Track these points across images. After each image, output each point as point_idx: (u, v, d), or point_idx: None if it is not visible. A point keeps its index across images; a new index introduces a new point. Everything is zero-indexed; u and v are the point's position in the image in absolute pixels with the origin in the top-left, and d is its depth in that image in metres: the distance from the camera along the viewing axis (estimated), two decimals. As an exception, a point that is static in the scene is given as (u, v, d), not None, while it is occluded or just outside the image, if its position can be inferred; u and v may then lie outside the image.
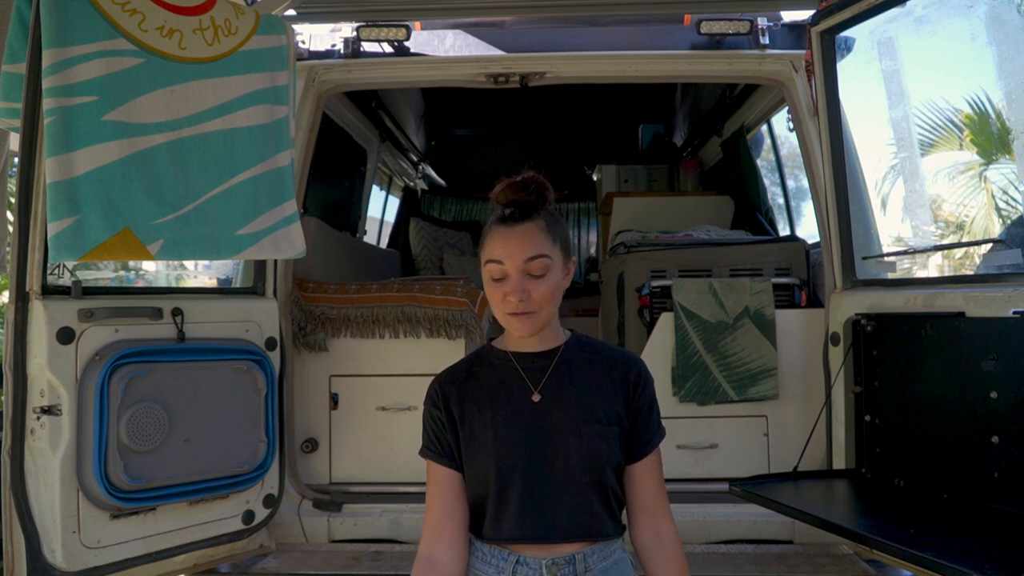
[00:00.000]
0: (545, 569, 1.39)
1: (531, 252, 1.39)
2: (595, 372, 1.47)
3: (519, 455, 1.41)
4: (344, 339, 3.12)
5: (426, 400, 1.52)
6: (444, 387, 1.50)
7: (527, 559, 1.40)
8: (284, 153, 2.45)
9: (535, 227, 1.41)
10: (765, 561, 2.60)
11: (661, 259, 3.25)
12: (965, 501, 2.14)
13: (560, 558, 1.40)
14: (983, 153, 8.41)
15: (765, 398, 2.96)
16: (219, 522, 2.48)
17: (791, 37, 3.10)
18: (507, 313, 1.41)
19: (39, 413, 2.08)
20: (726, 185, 4.72)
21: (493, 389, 1.47)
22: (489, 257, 1.41)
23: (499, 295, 1.40)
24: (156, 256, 2.16)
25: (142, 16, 2.15)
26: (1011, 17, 3.57)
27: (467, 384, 1.49)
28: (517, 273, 1.39)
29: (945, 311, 2.27)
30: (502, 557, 1.42)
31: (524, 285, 1.39)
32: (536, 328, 1.43)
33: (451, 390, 1.49)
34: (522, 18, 3.34)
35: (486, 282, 1.44)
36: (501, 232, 1.41)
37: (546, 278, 1.40)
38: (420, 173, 6.26)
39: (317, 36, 3.19)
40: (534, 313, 1.40)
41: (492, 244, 1.41)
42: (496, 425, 1.43)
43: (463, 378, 1.51)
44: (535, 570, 1.39)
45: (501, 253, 1.39)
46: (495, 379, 1.48)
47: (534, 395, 1.44)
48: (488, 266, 1.41)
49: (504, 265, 1.39)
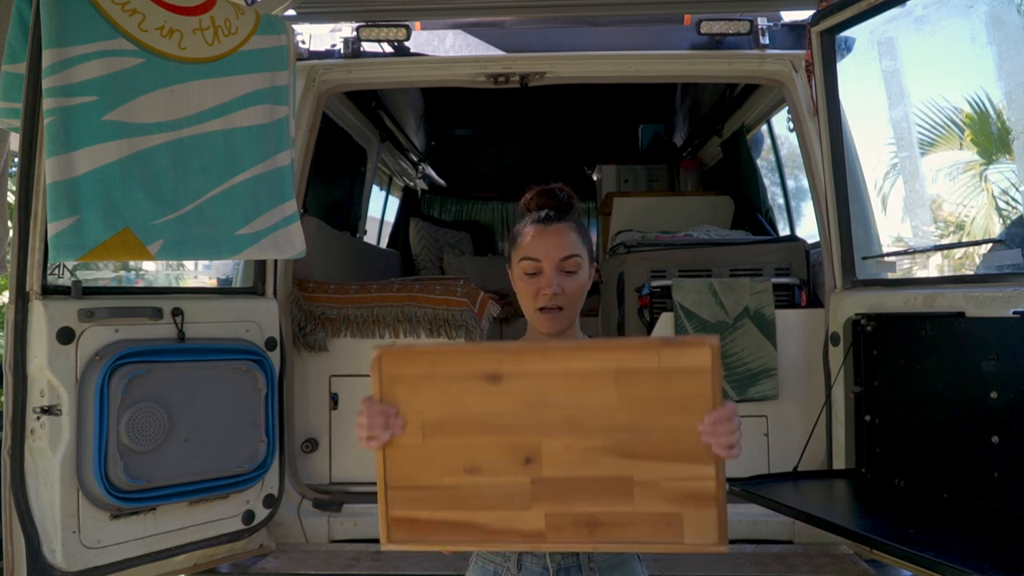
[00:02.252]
0: (549, 557, 1.42)
1: (566, 251, 1.46)
2: None
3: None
4: (344, 339, 3.12)
5: None
6: None
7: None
8: (284, 153, 2.45)
9: (568, 228, 1.49)
10: (765, 561, 2.60)
11: (661, 259, 3.25)
12: (965, 501, 2.14)
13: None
14: (983, 153, 8.41)
15: (765, 398, 2.95)
16: (219, 522, 2.48)
17: (791, 37, 3.10)
18: (538, 309, 1.47)
19: (39, 413, 2.09)
20: (726, 185, 4.71)
21: None
22: (525, 255, 1.47)
23: (532, 290, 1.46)
24: (156, 256, 2.16)
25: (142, 16, 2.15)
26: (1011, 17, 3.57)
27: None
28: (552, 269, 1.45)
29: (945, 311, 2.27)
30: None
31: (558, 281, 1.45)
32: (563, 325, 1.48)
33: None
34: (522, 18, 3.34)
35: (518, 279, 1.49)
36: (537, 230, 1.48)
37: (577, 275, 1.48)
38: (420, 173, 6.26)
39: (317, 36, 3.19)
40: (563, 309, 1.46)
41: (528, 242, 1.48)
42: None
43: None
44: (540, 558, 1.42)
45: (537, 251, 1.46)
46: None
47: None
48: (523, 263, 1.48)
49: (540, 262, 1.46)
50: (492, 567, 1.45)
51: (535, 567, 1.42)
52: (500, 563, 1.44)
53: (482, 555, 1.49)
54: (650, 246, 3.42)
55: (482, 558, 1.48)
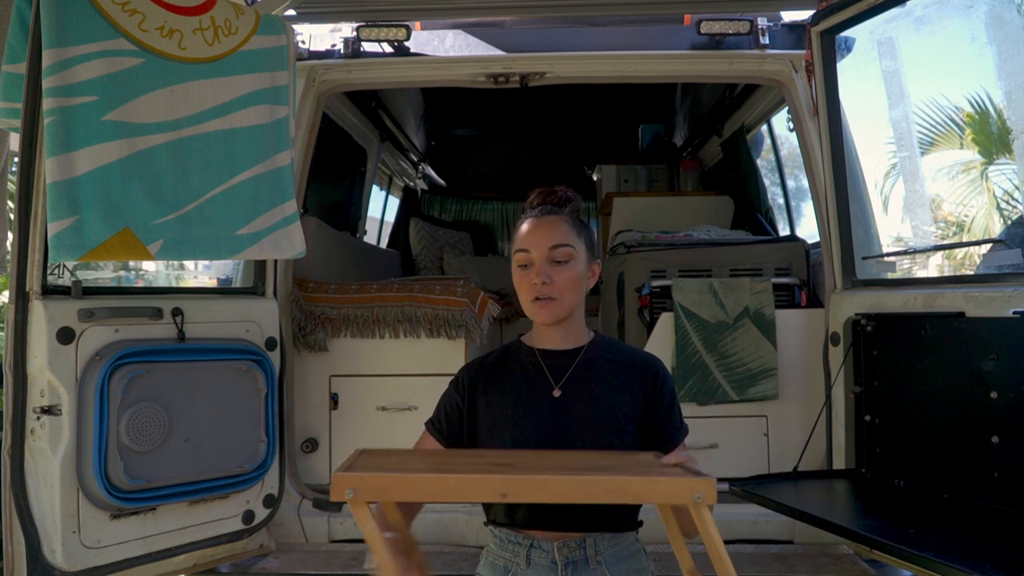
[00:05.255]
0: (556, 551, 1.43)
1: (555, 240, 1.48)
2: (615, 372, 1.52)
3: (536, 446, 1.45)
4: (344, 339, 3.12)
5: (452, 382, 1.59)
6: (471, 375, 1.57)
7: (540, 542, 1.45)
8: (284, 153, 2.45)
9: (561, 220, 1.51)
10: (765, 561, 2.60)
11: (661, 259, 3.25)
12: (965, 501, 2.14)
13: (571, 541, 1.44)
14: (983, 153, 8.40)
15: (765, 398, 2.95)
16: (219, 522, 2.48)
17: (791, 37, 3.10)
18: (531, 300, 1.49)
19: (39, 413, 2.08)
20: (726, 185, 4.71)
21: (517, 382, 1.53)
22: (517, 247, 1.51)
23: (526, 282, 1.49)
24: (156, 256, 2.16)
25: (142, 16, 2.15)
26: (1011, 17, 3.57)
27: (493, 374, 1.56)
28: (541, 259, 1.48)
29: (945, 311, 2.27)
30: (516, 541, 1.46)
31: (547, 270, 1.47)
32: (557, 316, 1.49)
33: (477, 378, 1.56)
34: (522, 18, 3.34)
35: (515, 272, 1.52)
36: (530, 222, 1.52)
37: (569, 266, 1.48)
38: (420, 173, 6.26)
39: (317, 36, 3.19)
40: (555, 300, 1.48)
41: (521, 234, 1.52)
42: (516, 416, 1.49)
43: (490, 368, 1.57)
44: (547, 552, 1.44)
45: (528, 241, 1.50)
46: (520, 372, 1.54)
47: (555, 391, 1.50)
48: (516, 255, 1.51)
49: (530, 253, 1.49)
50: (502, 563, 1.47)
51: (544, 561, 1.44)
52: (510, 559, 1.46)
53: (491, 551, 1.50)
54: (650, 246, 3.42)
55: (492, 554, 1.50)
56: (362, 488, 1.13)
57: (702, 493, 1.13)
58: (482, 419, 1.52)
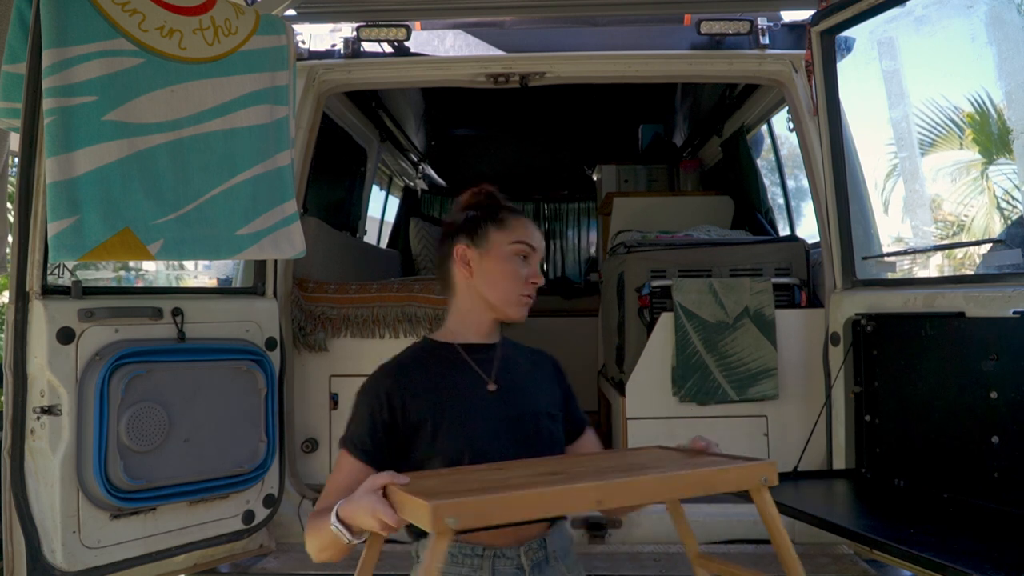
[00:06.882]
0: (523, 557, 1.38)
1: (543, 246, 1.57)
2: (529, 365, 1.58)
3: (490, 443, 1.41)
4: (344, 339, 3.12)
5: (365, 399, 1.46)
6: (389, 385, 1.45)
7: (504, 551, 1.38)
8: (284, 153, 2.45)
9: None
10: (765, 561, 2.60)
11: (661, 259, 3.25)
12: (965, 501, 2.14)
13: (533, 543, 1.40)
14: (983, 153, 8.40)
15: (765, 398, 2.95)
16: (219, 522, 2.48)
17: (791, 37, 3.10)
18: (521, 295, 1.51)
19: (39, 413, 2.08)
20: (726, 185, 4.71)
21: (445, 380, 1.47)
22: (520, 238, 1.52)
23: (524, 275, 1.51)
24: (156, 256, 2.16)
25: (142, 16, 2.15)
26: (1011, 17, 3.57)
27: (415, 378, 1.47)
28: (538, 260, 1.54)
29: (945, 311, 2.27)
30: (476, 554, 1.37)
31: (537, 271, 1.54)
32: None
33: (398, 386, 1.44)
34: (522, 18, 3.35)
35: (507, 259, 1.51)
36: (525, 222, 1.56)
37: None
38: (420, 173, 6.26)
39: (317, 36, 3.19)
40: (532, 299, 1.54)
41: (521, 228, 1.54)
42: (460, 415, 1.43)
43: (410, 372, 1.48)
44: (513, 560, 1.38)
45: (531, 238, 1.54)
46: (444, 370, 1.49)
47: (489, 384, 1.49)
48: (517, 245, 1.52)
49: (535, 251, 1.54)
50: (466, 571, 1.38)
51: (509, 569, 1.37)
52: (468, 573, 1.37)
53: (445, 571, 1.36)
54: (650, 246, 3.42)
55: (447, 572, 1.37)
56: (463, 515, 1.05)
57: (767, 475, 1.30)
58: (420, 424, 1.42)
